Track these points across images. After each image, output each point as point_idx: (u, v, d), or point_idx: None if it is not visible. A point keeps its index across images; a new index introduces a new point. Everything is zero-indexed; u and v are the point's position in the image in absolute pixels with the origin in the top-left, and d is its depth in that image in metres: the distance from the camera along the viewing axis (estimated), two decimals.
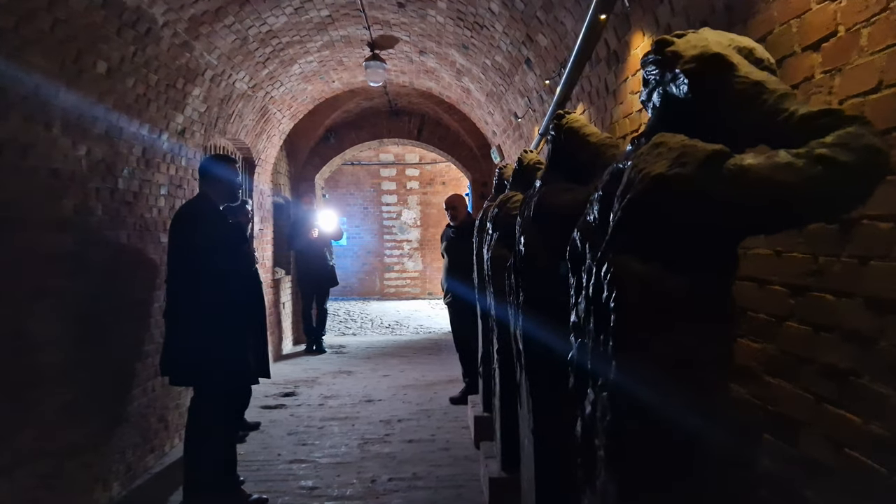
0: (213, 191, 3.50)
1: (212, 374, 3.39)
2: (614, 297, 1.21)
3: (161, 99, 4.04)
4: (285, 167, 8.22)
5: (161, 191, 4.28)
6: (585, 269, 1.40)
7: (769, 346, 1.68)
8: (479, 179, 8.49)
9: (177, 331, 3.41)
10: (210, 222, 3.32)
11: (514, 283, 2.35)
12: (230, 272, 3.39)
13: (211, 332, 3.32)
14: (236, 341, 3.43)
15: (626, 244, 1.22)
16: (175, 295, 3.43)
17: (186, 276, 3.34)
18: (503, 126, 5.81)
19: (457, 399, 5.32)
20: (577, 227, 1.50)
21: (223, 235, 3.35)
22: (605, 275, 1.25)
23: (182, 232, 3.37)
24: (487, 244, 3.47)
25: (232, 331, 3.40)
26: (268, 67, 5.23)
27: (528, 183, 3.30)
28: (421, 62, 5.81)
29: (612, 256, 1.24)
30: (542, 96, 3.97)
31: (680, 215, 1.15)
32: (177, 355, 3.39)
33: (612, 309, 1.21)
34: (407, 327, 10.09)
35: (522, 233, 2.26)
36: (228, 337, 3.38)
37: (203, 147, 4.95)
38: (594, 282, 1.31)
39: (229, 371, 3.43)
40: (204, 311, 3.30)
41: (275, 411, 5.24)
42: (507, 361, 3.20)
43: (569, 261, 1.53)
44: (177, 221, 3.45)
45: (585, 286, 1.39)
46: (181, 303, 3.38)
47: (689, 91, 1.27)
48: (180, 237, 3.37)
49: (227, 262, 3.38)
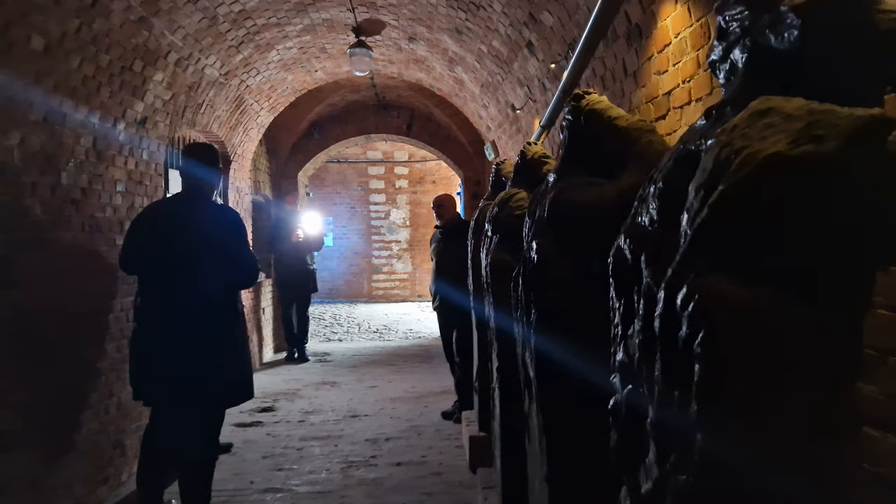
0: (205, 185, 3.16)
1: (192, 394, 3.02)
2: (702, 339, 0.80)
3: (115, 83, 3.58)
4: (265, 164, 7.76)
5: (117, 187, 3.82)
6: (642, 291, 0.99)
7: (868, 388, 1.29)
8: (471, 178, 8.08)
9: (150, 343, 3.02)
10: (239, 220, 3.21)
11: (522, 297, 1.94)
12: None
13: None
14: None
15: (716, 260, 0.81)
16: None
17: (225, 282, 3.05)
18: (499, 120, 5.40)
19: (449, 413, 4.91)
20: (625, 232, 1.09)
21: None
22: (683, 304, 0.83)
23: (234, 233, 3.14)
24: (486, 247, 3.05)
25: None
26: (242, 52, 4.78)
27: (533, 179, 2.90)
28: (410, 50, 5.38)
29: (693, 278, 0.83)
30: (545, 84, 3.57)
31: (806, 217, 0.74)
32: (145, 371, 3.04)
33: (698, 355, 0.80)
34: (396, 332, 9.66)
35: (534, 237, 1.85)
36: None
37: (169, 139, 4.50)
38: (662, 312, 0.89)
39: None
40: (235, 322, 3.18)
41: (250, 430, 4.79)
42: (510, 383, 2.79)
43: (613, 278, 1.12)
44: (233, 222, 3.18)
45: (643, 315, 0.98)
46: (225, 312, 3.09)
47: (799, 38, 0.87)
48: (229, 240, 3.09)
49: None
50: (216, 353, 2.96)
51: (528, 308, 1.90)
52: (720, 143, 0.85)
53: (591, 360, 1.68)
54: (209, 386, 2.95)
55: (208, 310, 2.95)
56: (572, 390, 1.72)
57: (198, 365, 2.91)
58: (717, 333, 0.79)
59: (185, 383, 2.92)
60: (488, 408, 3.55)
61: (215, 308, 2.98)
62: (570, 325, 1.69)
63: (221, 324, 3.02)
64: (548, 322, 1.75)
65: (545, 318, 1.76)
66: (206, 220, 3.07)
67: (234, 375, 3.09)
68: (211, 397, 3.01)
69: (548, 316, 1.75)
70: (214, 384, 2.97)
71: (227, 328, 3.06)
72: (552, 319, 1.74)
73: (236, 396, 3.22)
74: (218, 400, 3.09)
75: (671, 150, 1.05)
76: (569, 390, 1.72)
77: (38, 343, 2.95)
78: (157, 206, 3.51)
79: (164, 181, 4.57)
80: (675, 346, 0.86)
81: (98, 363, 3.56)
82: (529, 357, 1.92)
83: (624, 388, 1.07)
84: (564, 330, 1.69)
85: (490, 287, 2.91)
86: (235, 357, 3.11)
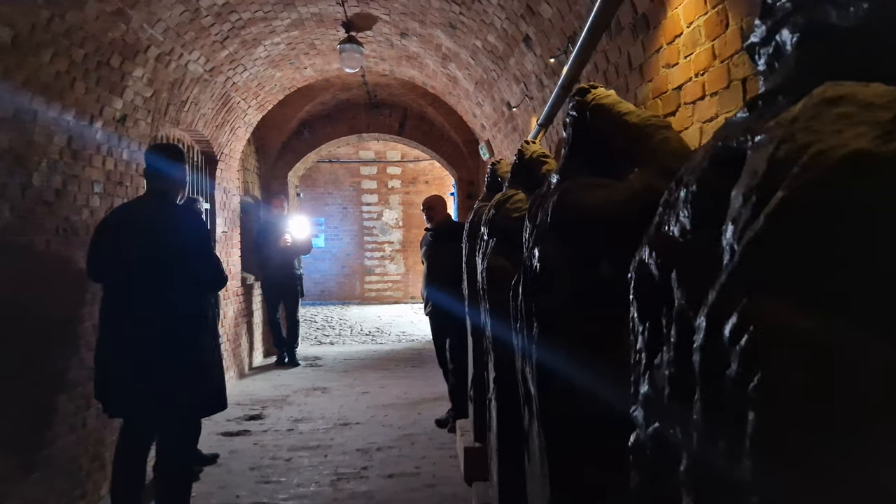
0: (168, 187, 3.00)
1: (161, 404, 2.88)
2: (759, 383, 0.64)
3: (90, 79, 3.40)
4: (254, 164, 7.57)
5: (95, 188, 3.64)
6: (673, 314, 0.84)
7: None
8: (465, 178, 7.92)
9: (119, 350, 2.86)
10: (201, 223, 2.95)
11: (522, 307, 1.79)
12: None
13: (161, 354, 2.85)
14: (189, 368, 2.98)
15: (775, 282, 0.66)
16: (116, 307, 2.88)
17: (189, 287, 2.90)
18: (493, 118, 5.25)
19: (443, 421, 4.75)
20: (649, 243, 0.93)
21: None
22: (732, 336, 0.68)
23: (191, 232, 2.97)
24: (482, 251, 2.90)
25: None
26: (227, 48, 4.60)
27: (531, 179, 2.75)
28: (402, 46, 5.22)
29: (746, 304, 0.68)
30: (543, 81, 3.42)
31: None
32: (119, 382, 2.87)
33: (753, 400, 0.65)
34: (388, 335, 9.49)
35: (535, 243, 1.69)
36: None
37: (151, 138, 4.31)
38: (703, 343, 0.74)
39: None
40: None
41: (237, 439, 4.62)
42: (508, 395, 2.63)
43: (636, 297, 0.96)
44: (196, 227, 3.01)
45: (675, 344, 0.82)
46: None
47: (869, 11, 0.72)
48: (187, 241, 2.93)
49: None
50: (181, 362, 2.81)
51: (528, 319, 1.74)
52: (776, 139, 0.70)
53: (598, 378, 1.53)
54: (175, 398, 2.80)
55: (170, 318, 2.79)
56: (577, 410, 1.57)
57: (162, 375, 2.75)
58: (786, 375, 0.63)
59: (150, 395, 2.77)
60: (484, 418, 3.40)
61: (178, 316, 2.82)
62: (575, 340, 1.54)
63: (185, 332, 2.84)
64: (550, 335, 1.60)
65: (548, 330, 1.61)
66: (166, 223, 2.92)
67: (202, 385, 2.92)
68: (178, 409, 2.85)
69: (550, 329, 1.60)
70: (181, 395, 2.81)
71: (192, 337, 2.88)
72: (555, 332, 1.59)
73: (206, 408, 3.06)
74: (186, 412, 2.91)
75: (705, 148, 0.90)
76: (574, 410, 1.57)
77: (6, 354, 2.77)
78: (119, 210, 3.32)
79: (146, 182, 4.38)
80: (720, 385, 0.71)
81: (74, 373, 3.38)
82: (530, 371, 1.76)
83: (649, 424, 0.91)
84: (569, 344, 1.54)
85: (486, 293, 2.76)
86: (203, 366, 2.93)
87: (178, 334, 2.81)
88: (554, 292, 1.58)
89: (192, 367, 2.84)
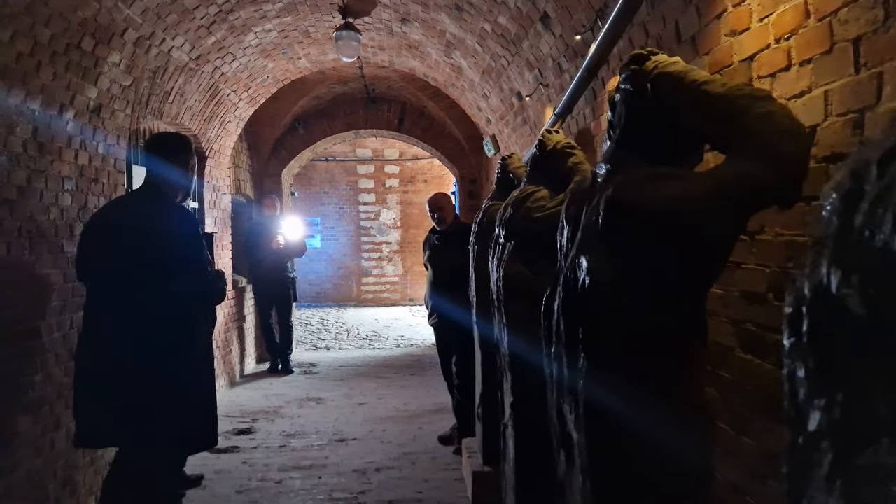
0: (166, 182, 2.66)
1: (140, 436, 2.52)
2: None
3: (59, 63, 3.05)
4: (246, 161, 7.22)
5: (66, 185, 3.29)
6: None
7: None
8: (466, 176, 7.58)
9: (98, 374, 2.53)
10: (186, 228, 2.59)
11: (562, 331, 1.45)
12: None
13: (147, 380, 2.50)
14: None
15: None
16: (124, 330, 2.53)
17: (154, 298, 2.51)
18: (501, 111, 4.91)
19: (447, 438, 4.41)
20: (838, 262, 0.59)
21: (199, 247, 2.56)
22: None
23: (182, 240, 2.63)
24: (496, 256, 2.56)
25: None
26: (214, 34, 4.25)
27: (554, 173, 2.41)
28: (403, 34, 4.88)
29: None
30: (561, 65, 3.08)
31: None
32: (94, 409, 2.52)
33: None
34: (386, 339, 9.15)
35: (582, 251, 1.35)
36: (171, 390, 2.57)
37: (131, 131, 3.96)
38: None
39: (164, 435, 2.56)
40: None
41: (224, 457, 4.27)
42: (529, 424, 2.30)
43: (807, 342, 0.62)
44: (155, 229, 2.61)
45: None
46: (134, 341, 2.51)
47: None
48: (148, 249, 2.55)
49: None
50: (160, 389, 2.45)
51: (571, 346, 1.40)
52: None
53: (665, 425, 1.20)
54: (152, 430, 2.45)
55: (149, 334, 2.44)
56: (638, 466, 1.23)
57: (139, 405, 2.41)
58: None
59: (126, 426, 2.43)
60: (495, 441, 3.07)
61: (158, 333, 2.46)
62: (640, 378, 1.20)
63: (167, 354, 2.48)
64: (607, 371, 1.26)
65: (603, 365, 1.27)
66: (152, 224, 2.57)
67: (183, 418, 2.56)
68: (144, 434, 2.49)
69: (607, 363, 1.26)
70: (159, 428, 2.46)
71: (172, 360, 2.52)
72: (613, 368, 1.25)
73: (186, 440, 2.68)
74: (153, 440, 2.54)
75: None
76: (633, 466, 1.24)
77: None
78: (109, 206, 3.02)
79: (125, 178, 4.04)
80: None
81: (40, 390, 3.03)
82: (572, 411, 1.42)
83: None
84: (633, 384, 1.20)
85: (503, 305, 2.42)
86: (180, 393, 2.56)
87: (155, 356, 2.46)
88: (611, 315, 1.25)
89: (172, 395, 2.49)
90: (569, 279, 1.42)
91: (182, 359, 2.56)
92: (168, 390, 2.49)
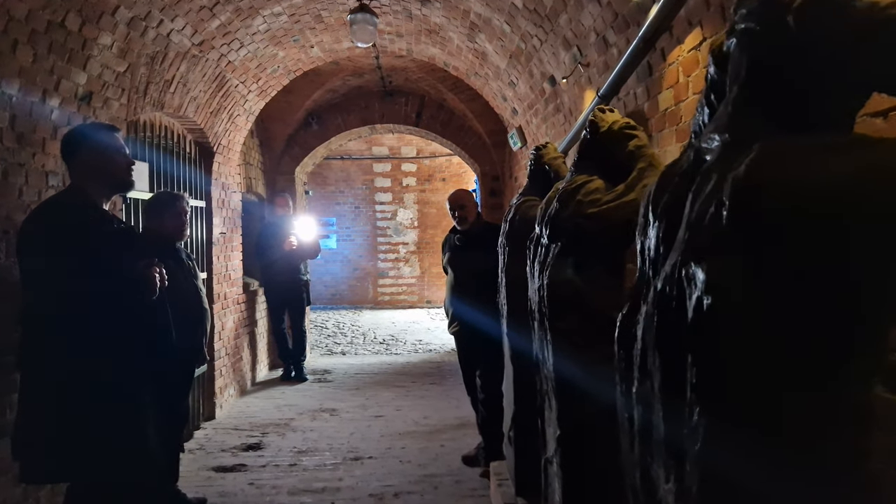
0: (86, 178, 2.31)
1: (90, 467, 2.19)
2: None
3: (39, 43, 2.72)
4: (258, 158, 6.89)
5: (50, 181, 2.96)
6: None
7: None
8: (488, 173, 7.18)
9: (39, 397, 2.21)
10: (66, 232, 2.13)
11: (656, 370, 1.05)
12: (115, 309, 2.18)
13: (89, 403, 2.14)
14: (128, 420, 2.23)
15: None
16: (35, 344, 2.22)
17: (48, 315, 2.16)
18: (529, 99, 4.50)
19: (471, 458, 4.02)
20: None
21: (87, 251, 2.13)
22: None
23: (32, 250, 2.18)
24: (537, 260, 2.16)
25: (123, 402, 2.23)
26: (218, 17, 3.91)
27: (608, 161, 2.01)
28: (423, 17, 4.50)
29: None
30: (608, 38, 2.68)
31: None
32: (35, 435, 2.19)
33: None
34: (404, 343, 8.79)
35: (690, 258, 0.96)
36: (116, 412, 2.20)
37: (127, 122, 3.63)
38: None
39: (116, 466, 2.21)
40: (76, 369, 2.13)
41: (230, 476, 3.92)
42: (586, 467, 1.91)
43: None
44: (26, 233, 2.24)
45: None
46: (46, 356, 2.19)
47: None
48: (29, 258, 2.18)
49: (112, 295, 2.19)
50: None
51: (670, 391, 1.01)
52: None
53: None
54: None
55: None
56: None
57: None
58: None
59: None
60: (529, 470, 2.68)
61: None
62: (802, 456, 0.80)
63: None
64: (736, 436, 0.86)
65: (729, 426, 0.87)
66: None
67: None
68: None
69: (736, 424, 0.86)
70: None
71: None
72: (749, 436, 0.85)
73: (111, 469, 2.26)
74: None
75: None
76: None
77: None
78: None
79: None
80: None
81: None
82: (669, 477, 1.03)
83: None
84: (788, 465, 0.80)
85: (548, 319, 2.02)
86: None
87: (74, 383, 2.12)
88: (746, 355, 0.84)
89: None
90: (665, 297, 1.02)
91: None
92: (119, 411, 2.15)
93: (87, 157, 2.36)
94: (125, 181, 2.46)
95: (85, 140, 2.40)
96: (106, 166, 2.38)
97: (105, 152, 2.38)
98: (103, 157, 2.38)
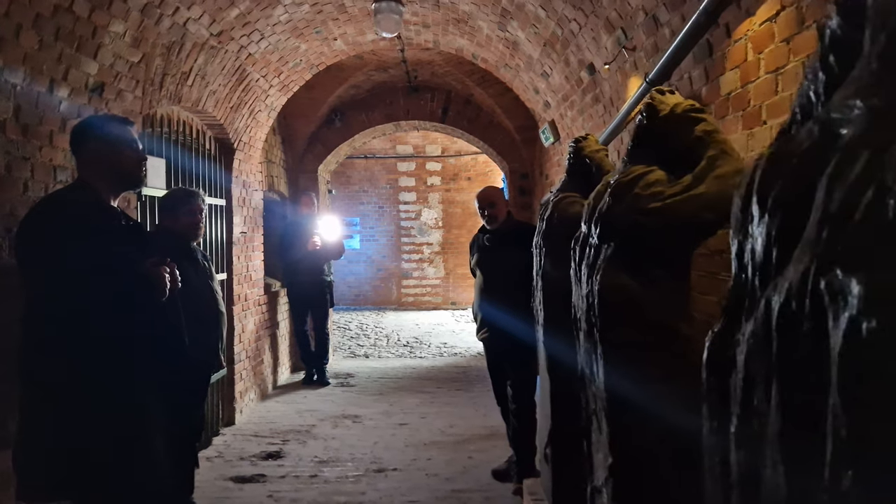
0: (94, 172, 2.14)
1: (94, 483, 2.01)
2: None
3: (45, 28, 2.56)
4: (280, 156, 6.74)
5: (59, 175, 2.80)
6: None
7: None
8: (517, 170, 6.92)
9: (37, 405, 2.04)
10: (64, 228, 1.95)
11: (772, 410, 0.79)
12: (119, 310, 2.01)
13: (90, 412, 1.99)
14: (134, 431, 2.05)
15: None
16: (34, 347, 2.06)
17: (48, 316, 2.00)
18: (564, 90, 4.24)
19: (502, 473, 3.77)
20: None
21: (87, 248, 1.95)
22: None
23: (30, 248, 2.01)
24: (585, 263, 1.91)
25: (127, 412, 2.04)
26: (237, 6, 3.74)
27: (669, 150, 1.75)
28: (451, 5, 4.27)
29: None
30: (658, 17, 2.41)
31: None
32: (37, 451, 2.02)
33: None
34: (428, 346, 8.57)
35: (833, 265, 0.69)
36: (120, 422, 2.01)
37: (142, 116, 3.48)
38: None
39: (121, 481, 2.03)
40: (80, 379, 1.99)
41: (247, 487, 3.74)
42: (642, 490, 1.65)
43: None
44: (23, 230, 2.08)
45: None
46: (45, 360, 2.02)
47: None
48: (27, 257, 2.02)
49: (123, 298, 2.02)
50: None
51: (791, 435, 0.75)
52: None
53: None
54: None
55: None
56: None
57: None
58: None
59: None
60: (569, 492, 2.43)
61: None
62: None
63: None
64: None
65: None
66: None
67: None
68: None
69: None
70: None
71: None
72: None
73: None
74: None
75: None
76: None
77: None
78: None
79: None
80: None
81: None
82: None
83: None
84: None
85: (597, 330, 1.76)
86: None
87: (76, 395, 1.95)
88: None
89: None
90: (790, 315, 0.77)
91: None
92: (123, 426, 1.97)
93: (94, 149, 2.20)
94: (135, 177, 2.30)
95: (93, 131, 2.24)
96: (115, 160, 2.21)
97: (115, 144, 2.22)
98: (112, 149, 2.21)
